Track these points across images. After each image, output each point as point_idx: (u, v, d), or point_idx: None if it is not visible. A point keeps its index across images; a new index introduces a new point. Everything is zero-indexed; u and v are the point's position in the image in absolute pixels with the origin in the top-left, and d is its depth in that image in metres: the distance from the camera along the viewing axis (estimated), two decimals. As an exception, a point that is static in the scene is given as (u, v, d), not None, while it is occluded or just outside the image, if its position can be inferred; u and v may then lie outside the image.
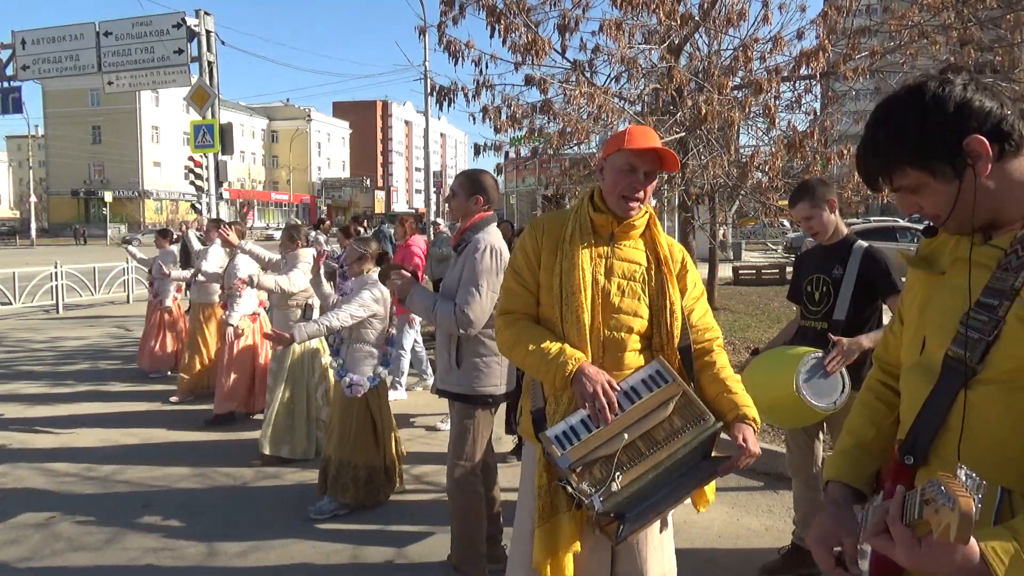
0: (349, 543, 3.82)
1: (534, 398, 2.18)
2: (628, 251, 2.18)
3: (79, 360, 8.96)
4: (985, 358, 1.22)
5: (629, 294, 2.13)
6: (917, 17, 7.23)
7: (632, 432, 1.93)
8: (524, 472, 2.33)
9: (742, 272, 16.85)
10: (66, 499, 4.48)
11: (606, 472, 1.88)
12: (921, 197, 1.30)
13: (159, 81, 14.32)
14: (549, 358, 2.03)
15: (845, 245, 3.20)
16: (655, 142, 2.11)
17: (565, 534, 2.06)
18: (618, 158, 2.12)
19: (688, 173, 7.45)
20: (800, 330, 3.34)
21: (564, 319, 2.10)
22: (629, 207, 2.12)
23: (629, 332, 2.12)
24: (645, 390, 2.01)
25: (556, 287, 2.12)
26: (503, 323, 2.21)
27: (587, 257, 2.12)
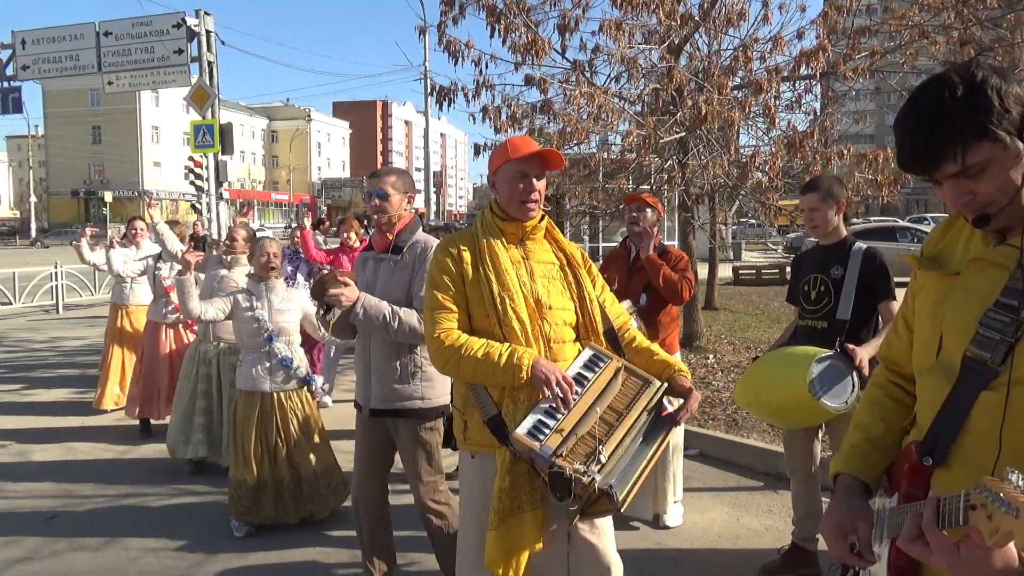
0: (349, 543, 3.82)
1: (483, 408, 2.19)
2: (540, 253, 2.33)
3: (79, 360, 8.96)
4: (1008, 359, 1.20)
5: (554, 291, 2.28)
6: (917, 17, 7.23)
7: (600, 405, 2.09)
8: (471, 485, 2.30)
9: (742, 272, 16.86)
10: (66, 499, 4.48)
11: (588, 448, 2.01)
12: (982, 180, 1.21)
13: (159, 81, 14.30)
14: (503, 360, 2.10)
15: (844, 246, 3.21)
16: (535, 146, 2.27)
17: (527, 533, 2.11)
18: (507, 169, 2.26)
19: (688, 173, 7.45)
20: (799, 329, 3.34)
21: (502, 323, 2.18)
22: (528, 208, 2.26)
23: (564, 325, 2.27)
24: (590, 372, 2.17)
25: (487, 294, 2.20)
26: (439, 343, 2.18)
27: (508, 262, 2.25)
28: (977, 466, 1.22)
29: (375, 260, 3.04)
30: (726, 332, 9.24)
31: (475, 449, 2.27)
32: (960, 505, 1.04)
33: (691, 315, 8.27)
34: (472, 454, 2.29)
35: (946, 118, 1.19)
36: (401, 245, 2.96)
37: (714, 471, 4.82)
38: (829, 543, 1.39)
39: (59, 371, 8.33)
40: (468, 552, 2.29)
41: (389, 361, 2.92)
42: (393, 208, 2.98)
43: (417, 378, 2.93)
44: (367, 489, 3.12)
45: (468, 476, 2.34)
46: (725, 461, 4.95)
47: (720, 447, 5.07)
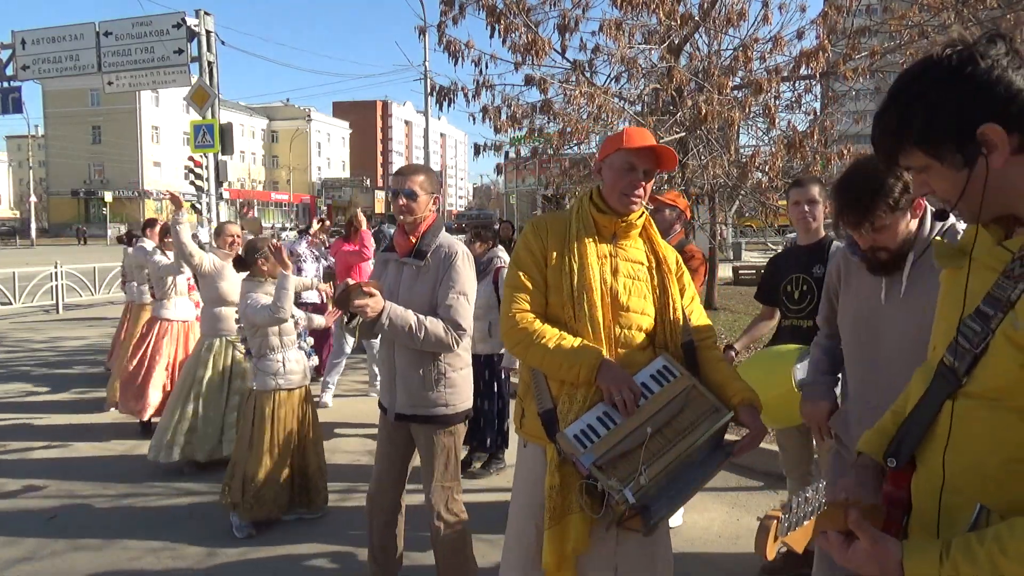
0: (349, 543, 3.82)
1: (540, 399, 2.16)
2: (631, 251, 2.23)
3: (79, 360, 8.96)
4: (971, 371, 1.17)
5: (635, 293, 2.18)
6: (917, 17, 7.24)
7: (653, 425, 1.96)
8: (522, 475, 2.30)
9: (742, 272, 16.86)
10: (66, 499, 4.48)
11: (632, 466, 1.90)
12: (930, 179, 1.21)
13: (159, 81, 14.31)
14: (572, 355, 2.04)
15: (822, 245, 3.26)
16: (652, 140, 2.15)
17: (577, 534, 2.06)
18: (617, 158, 2.16)
19: (688, 173, 7.46)
20: (784, 329, 3.37)
21: (576, 317, 2.12)
22: (631, 203, 2.16)
23: (638, 330, 2.17)
24: (655, 385, 2.05)
25: (567, 286, 2.13)
26: (513, 322, 2.15)
27: (594, 256, 2.16)
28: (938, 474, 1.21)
29: (397, 263, 2.93)
30: (726, 332, 9.23)
31: (528, 438, 2.26)
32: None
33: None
34: (525, 442, 2.28)
35: (884, 120, 1.20)
36: (424, 249, 2.85)
37: (714, 471, 4.81)
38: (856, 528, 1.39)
39: (59, 371, 8.33)
40: (513, 541, 2.26)
41: (414, 368, 2.85)
42: (420, 209, 2.86)
43: (441, 385, 2.85)
44: (385, 489, 3.08)
45: (521, 463, 2.32)
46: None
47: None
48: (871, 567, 1.09)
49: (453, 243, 2.89)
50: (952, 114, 1.12)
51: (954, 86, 1.11)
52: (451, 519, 2.92)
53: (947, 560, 1.05)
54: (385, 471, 3.07)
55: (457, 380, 2.89)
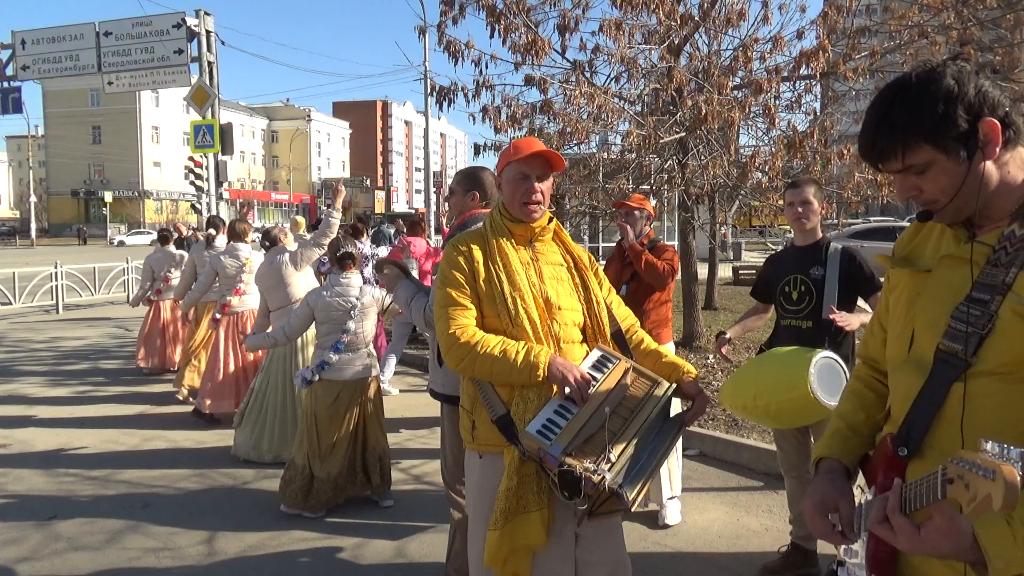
0: (349, 543, 3.82)
1: (491, 408, 2.18)
2: (549, 255, 2.35)
3: (79, 360, 8.96)
4: (979, 351, 1.24)
5: (563, 292, 2.29)
6: (917, 17, 7.24)
7: (609, 406, 2.08)
8: (480, 487, 2.29)
9: (742, 272, 16.87)
10: (66, 499, 4.48)
11: (598, 448, 2.00)
12: (925, 178, 1.30)
13: (159, 81, 14.32)
14: (519, 358, 2.10)
15: (820, 247, 3.28)
16: (538, 147, 2.26)
17: (532, 533, 2.09)
18: (510, 170, 2.27)
19: (688, 173, 7.46)
20: (782, 329, 3.38)
21: (513, 322, 2.18)
22: (531, 210, 2.27)
23: (573, 325, 2.28)
24: (598, 373, 2.15)
25: (498, 294, 2.20)
26: (453, 340, 2.15)
27: (518, 263, 2.26)
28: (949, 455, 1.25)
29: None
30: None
31: (483, 449, 2.26)
32: (938, 480, 1.09)
33: (691, 315, 8.27)
34: (480, 454, 2.28)
35: (892, 118, 1.28)
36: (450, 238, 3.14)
37: (714, 471, 4.82)
38: (811, 521, 1.44)
39: (59, 371, 8.33)
40: (476, 553, 2.28)
41: (432, 346, 3.13)
42: (453, 206, 3.21)
43: (444, 366, 3.03)
44: (456, 476, 3.19)
45: (475, 477, 2.33)
46: (725, 461, 4.95)
47: (720, 447, 5.07)
48: (946, 544, 1.10)
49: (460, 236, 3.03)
50: (963, 110, 1.24)
51: (962, 87, 1.25)
52: (461, 502, 3.10)
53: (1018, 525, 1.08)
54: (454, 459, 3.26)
55: None
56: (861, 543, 1.40)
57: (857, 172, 7.29)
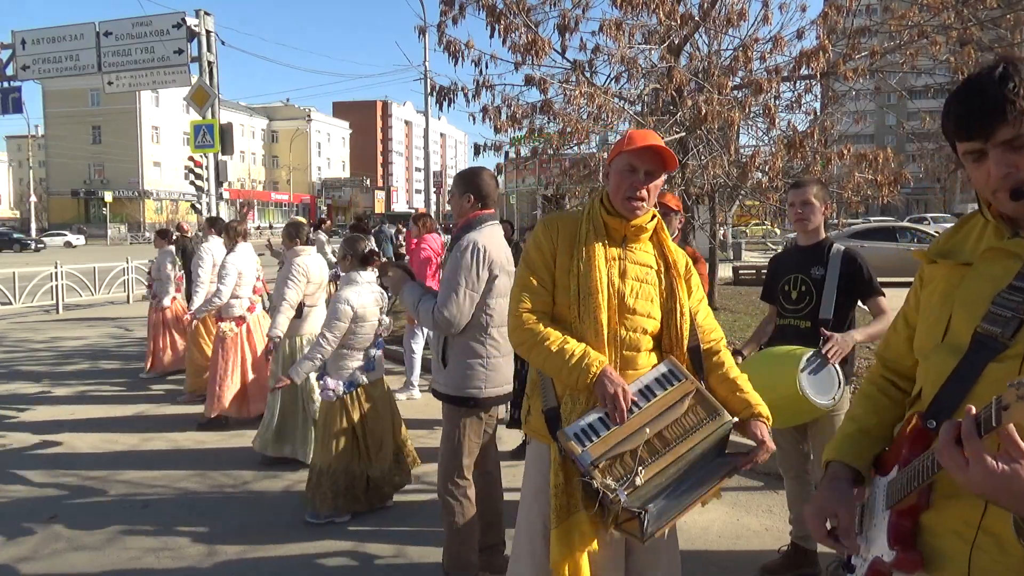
0: (349, 543, 3.82)
1: (545, 397, 2.18)
2: (639, 254, 2.23)
3: (79, 360, 8.96)
4: (1016, 334, 1.26)
5: (642, 296, 2.18)
6: (917, 17, 7.24)
7: (652, 427, 1.98)
8: (530, 472, 2.33)
9: (742, 272, 16.87)
10: (66, 499, 4.48)
11: (628, 467, 1.93)
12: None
13: (159, 81, 14.31)
14: (573, 360, 2.05)
15: (822, 247, 3.27)
16: (654, 140, 2.15)
17: (583, 532, 2.07)
18: (619, 161, 2.18)
19: (688, 173, 7.46)
20: (780, 329, 3.38)
21: (581, 319, 2.13)
22: (633, 207, 2.16)
23: (643, 333, 2.18)
24: (659, 388, 2.06)
25: (573, 287, 2.15)
26: (519, 322, 2.17)
27: (602, 258, 2.16)
28: None
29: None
30: (726, 332, 9.18)
31: (533, 435, 2.29)
32: (992, 409, 1.06)
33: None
34: (531, 439, 2.32)
35: (1010, 83, 1.25)
36: (454, 242, 3.18)
37: (714, 471, 4.81)
38: (811, 524, 1.46)
39: (59, 371, 8.33)
40: (525, 534, 2.29)
41: (434, 347, 3.20)
42: (452, 207, 3.29)
43: (451, 366, 3.10)
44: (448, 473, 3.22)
45: (528, 460, 2.36)
46: (725, 461, 4.95)
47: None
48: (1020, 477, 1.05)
49: (469, 237, 3.09)
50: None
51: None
52: (450, 500, 3.14)
53: None
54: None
55: (465, 366, 3.07)
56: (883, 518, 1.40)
57: (857, 172, 7.28)
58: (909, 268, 16.58)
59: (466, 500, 3.15)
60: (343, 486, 4.04)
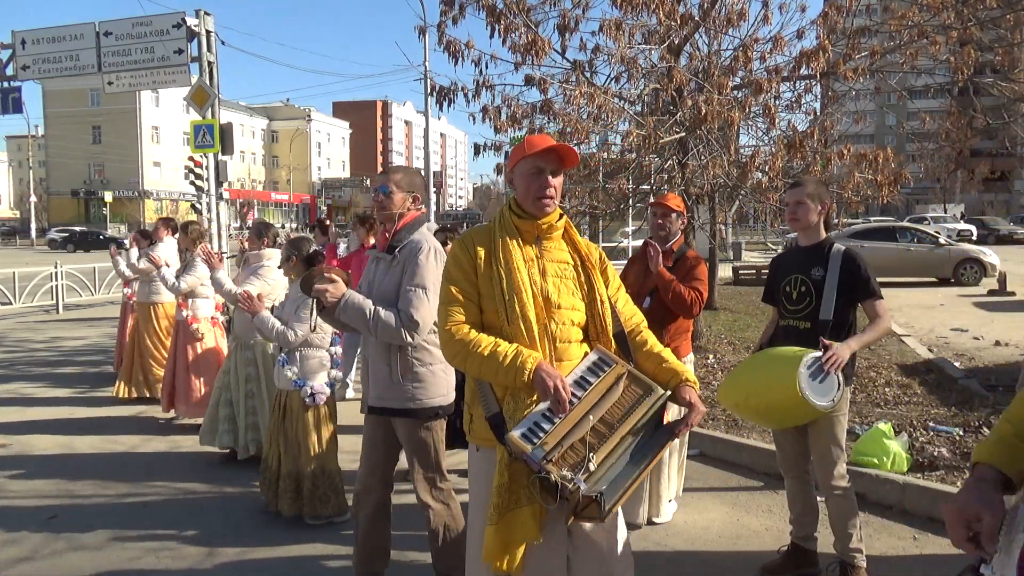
0: (348, 543, 3.81)
1: (486, 404, 2.22)
2: (555, 252, 2.34)
3: (79, 360, 8.96)
4: None
5: (564, 291, 2.28)
6: (917, 17, 7.24)
7: (595, 414, 2.07)
8: (477, 479, 2.34)
9: (742, 272, 16.88)
10: (66, 499, 4.48)
11: (580, 455, 2.01)
12: None
13: (159, 81, 14.28)
14: (507, 361, 2.11)
15: (823, 248, 3.26)
16: (551, 142, 2.27)
17: (526, 527, 2.10)
18: (524, 165, 2.28)
19: (688, 173, 7.46)
20: (781, 329, 3.37)
21: (509, 320, 2.19)
22: (543, 204, 2.27)
23: (571, 325, 2.27)
24: (593, 376, 2.15)
25: (498, 291, 2.22)
26: (450, 335, 2.22)
27: (521, 260, 2.26)
28: None
29: (376, 259, 3.08)
30: (726, 332, 9.23)
31: (479, 443, 2.32)
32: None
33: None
34: (477, 447, 2.34)
35: None
36: (395, 245, 2.97)
37: (714, 471, 4.82)
38: (949, 526, 1.36)
39: (59, 371, 8.33)
40: (474, 542, 2.31)
41: (381, 361, 2.95)
42: (394, 206, 2.98)
43: (408, 380, 2.94)
44: (369, 484, 3.14)
45: (473, 467, 2.39)
46: (725, 461, 4.95)
47: (720, 447, 5.07)
48: None
49: (423, 239, 2.97)
50: None
51: None
52: (438, 506, 3.06)
53: None
54: (367, 468, 3.14)
55: (425, 375, 2.97)
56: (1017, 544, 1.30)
57: (857, 172, 7.29)
58: (909, 268, 16.64)
59: (452, 501, 3.12)
60: (340, 485, 4.07)
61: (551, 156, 2.26)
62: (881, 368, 7.03)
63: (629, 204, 8.64)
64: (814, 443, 3.26)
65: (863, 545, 3.25)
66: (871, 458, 4.32)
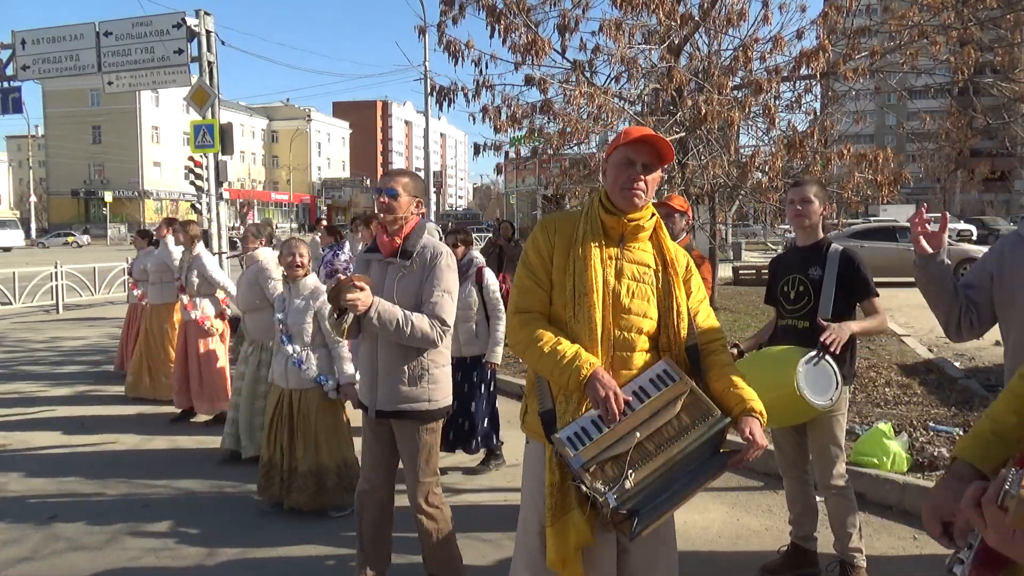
0: (349, 543, 3.82)
1: (541, 399, 2.20)
2: (637, 253, 2.23)
3: (79, 360, 8.96)
4: None
5: (639, 295, 2.18)
6: (917, 17, 7.25)
7: (643, 431, 1.99)
8: (527, 472, 2.34)
9: (742, 272, 16.88)
10: (66, 499, 4.48)
11: (619, 470, 1.93)
12: None
13: (159, 81, 14.29)
14: (564, 361, 2.06)
15: (820, 248, 3.27)
16: (648, 132, 2.19)
17: (578, 531, 2.07)
18: (616, 155, 2.20)
19: (688, 173, 7.46)
20: (780, 329, 3.37)
21: (576, 318, 2.14)
22: (632, 197, 2.16)
23: (639, 333, 2.17)
24: (653, 389, 2.06)
25: (569, 287, 2.16)
26: (519, 322, 2.20)
27: (598, 258, 2.17)
28: None
29: (381, 263, 3.01)
30: (726, 332, 9.21)
31: (530, 435, 2.30)
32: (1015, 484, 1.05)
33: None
34: (528, 439, 2.33)
35: None
36: (410, 250, 2.94)
37: (714, 471, 4.81)
38: (925, 522, 1.40)
39: (59, 370, 8.33)
40: (526, 533, 2.29)
41: (398, 364, 2.93)
42: (401, 209, 2.94)
43: (424, 380, 2.95)
44: (373, 486, 3.15)
45: (525, 459, 2.37)
46: (725, 461, 4.95)
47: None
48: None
49: (437, 244, 3.00)
50: None
51: None
52: (431, 512, 3.06)
53: None
54: (373, 469, 3.14)
55: (439, 376, 3.01)
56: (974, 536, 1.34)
57: (857, 172, 7.29)
58: (909, 268, 16.65)
59: (445, 505, 3.14)
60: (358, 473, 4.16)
61: (644, 147, 2.15)
62: (881, 368, 7.03)
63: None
64: (813, 443, 3.27)
65: (863, 545, 3.25)
66: (871, 458, 4.32)
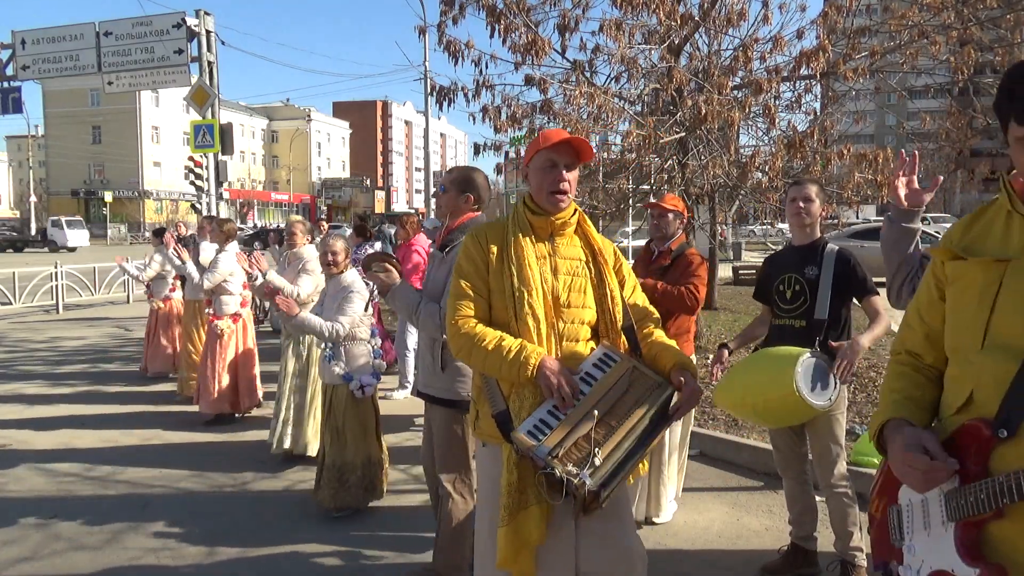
0: (349, 543, 3.82)
1: (492, 401, 2.23)
2: (567, 248, 2.33)
3: (79, 360, 8.96)
4: None
5: (575, 288, 2.28)
6: (917, 17, 7.24)
7: (600, 408, 2.07)
8: (484, 475, 2.37)
9: (742, 272, 16.88)
10: (66, 499, 4.48)
11: (585, 451, 2.00)
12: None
13: (159, 81, 14.32)
14: (511, 355, 2.12)
15: (816, 247, 3.28)
16: (566, 135, 2.27)
17: (534, 526, 2.10)
18: (538, 159, 2.28)
19: (688, 173, 7.46)
20: (775, 329, 3.38)
21: (518, 318, 2.20)
22: (557, 199, 2.26)
23: (580, 323, 2.27)
24: (599, 373, 2.15)
25: (508, 288, 2.22)
26: (456, 329, 2.23)
27: (533, 257, 2.26)
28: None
29: (432, 256, 3.24)
30: (726, 332, 9.23)
31: (484, 439, 2.32)
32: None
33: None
34: (483, 443, 2.35)
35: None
36: (447, 244, 3.07)
37: (714, 471, 4.82)
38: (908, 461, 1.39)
39: (59, 370, 8.33)
40: (481, 538, 2.31)
41: (427, 351, 3.12)
42: (446, 202, 3.14)
43: (448, 371, 3.04)
44: (428, 464, 3.25)
45: (481, 463, 2.40)
46: (725, 461, 4.95)
47: (720, 447, 5.07)
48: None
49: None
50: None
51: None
52: (457, 497, 3.11)
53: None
54: (426, 448, 3.31)
55: (465, 370, 3.03)
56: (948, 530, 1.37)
57: (857, 172, 7.29)
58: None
59: (471, 497, 3.14)
60: (385, 472, 4.26)
61: (566, 149, 2.24)
62: (881, 368, 7.03)
63: (629, 204, 8.64)
64: (813, 442, 3.27)
65: (864, 544, 3.25)
66: (871, 458, 4.32)
